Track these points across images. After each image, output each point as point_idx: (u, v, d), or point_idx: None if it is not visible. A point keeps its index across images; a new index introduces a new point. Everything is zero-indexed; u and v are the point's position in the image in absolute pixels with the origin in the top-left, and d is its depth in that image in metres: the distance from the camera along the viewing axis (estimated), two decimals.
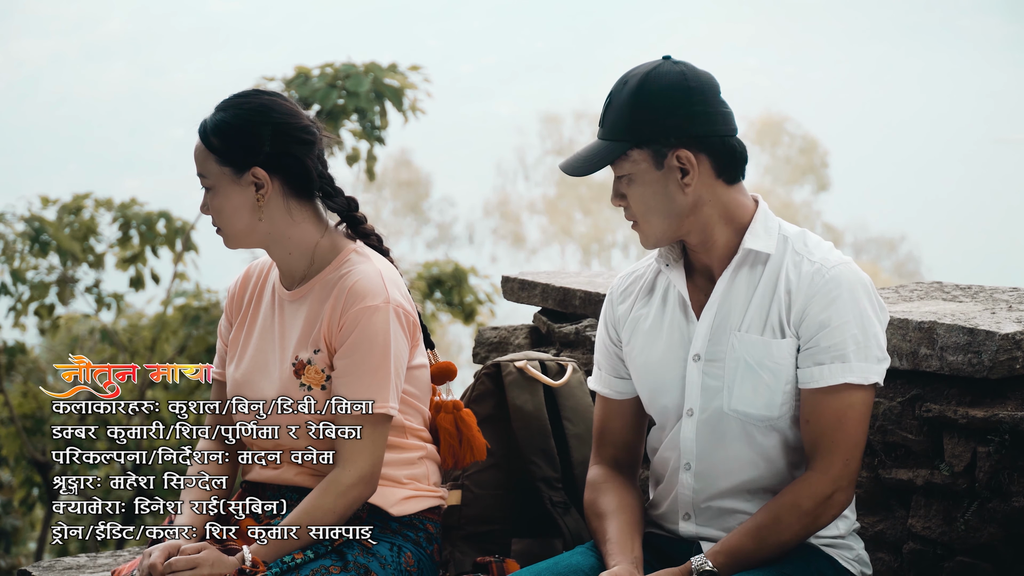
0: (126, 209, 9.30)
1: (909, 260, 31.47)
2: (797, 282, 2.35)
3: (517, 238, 32.03)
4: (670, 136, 2.36)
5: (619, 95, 2.39)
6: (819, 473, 2.31)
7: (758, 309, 2.38)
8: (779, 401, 2.37)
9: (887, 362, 2.34)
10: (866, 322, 2.31)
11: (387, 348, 2.49)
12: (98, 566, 3.29)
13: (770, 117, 32.90)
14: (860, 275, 2.35)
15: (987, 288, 3.19)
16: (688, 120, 2.36)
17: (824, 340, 2.31)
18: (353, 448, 2.48)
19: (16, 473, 9.89)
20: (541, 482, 2.87)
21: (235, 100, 2.55)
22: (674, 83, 2.37)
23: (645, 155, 2.37)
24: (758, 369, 2.37)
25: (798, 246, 2.39)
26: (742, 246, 2.39)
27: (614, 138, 2.39)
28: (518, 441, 2.89)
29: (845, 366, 2.29)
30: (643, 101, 2.36)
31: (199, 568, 2.40)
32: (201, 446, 2.73)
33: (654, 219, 2.41)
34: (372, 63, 8.91)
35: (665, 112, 2.36)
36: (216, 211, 2.55)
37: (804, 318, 2.33)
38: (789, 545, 2.34)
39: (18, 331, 9.44)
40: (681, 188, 2.38)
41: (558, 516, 2.85)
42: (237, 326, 2.70)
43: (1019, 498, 2.59)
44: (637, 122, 2.37)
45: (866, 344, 2.30)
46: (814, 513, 2.31)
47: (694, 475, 2.44)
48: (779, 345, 2.35)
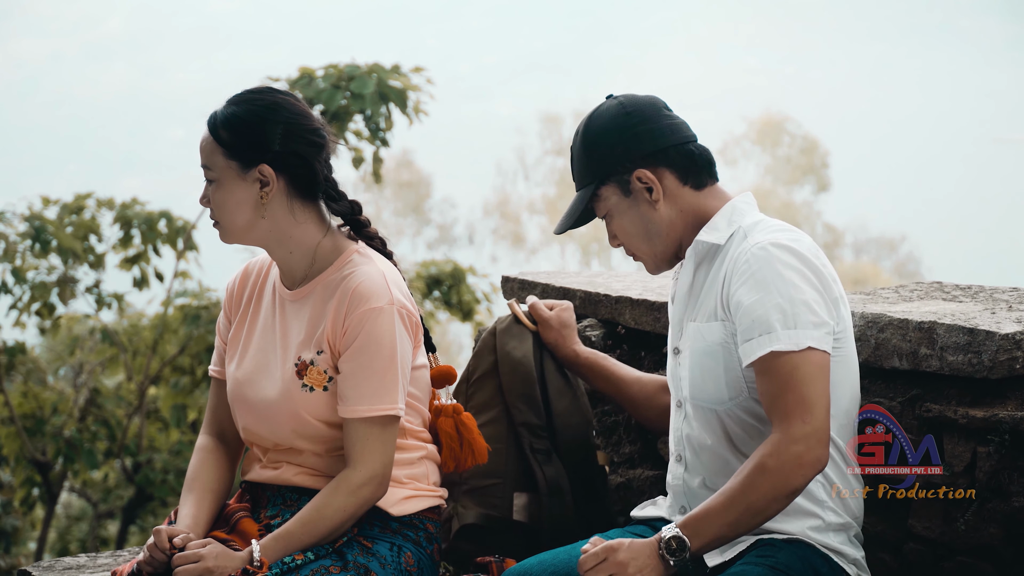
0: (127, 209, 9.30)
1: (909, 260, 31.47)
2: (728, 266, 2.43)
3: (517, 238, 32.03)
4: (623, 162, 2.49)
5: (575, 146, 2.56)
6: (779, 433, 2.30)
7: (706, 298, 2.48)
8: (724, 384, 2.43)
9: (827, 327, 2.34)
10: (792, 290, 2.33)
11: (393, 350, 2.49)
12: (98, 566, 3.29)
13: (770, 117, 32.89)
14: (789, 247, 2.37)
15: (987, 288, 3.19)
16: (634, 141, 2.49)
17: (747, 317, 2.35)
18: (363, 449, 2.49)
19: (16, 473, 9.89)
20: (522, 427, 2.90)
21: (248, 95, 2.55)
22: (613, 115, 2.52)
23: (612, 189, 2.52)
24: (702, 356, 2.45)
25: (749, 233, 2.45)
26: (696, 239, 2.50)
27: (582, 185, 2.54)
28: (503, 386, 2.92)
29: (771, 335, 2.32)
30: (591, 141, 2.52)
31: (203, 561, 2.40)
32: (200, 444, 2.73)
33: (641, 244, 2.54)
34: (375, 64, 8.91)
35: (612, 142, 2.50)
36: (218, 204, 2.55)
37: (730, 299, 2.40)
38: (761, 509, 2.31)
39: (18, 331, 9.44)
40: (652, 206, 2.50)
41: (536, 464, 2.87)
42: (237, 324, 2.70)
43: (1019, 498, 2.59)
44: (593, 162, 2.52)
45: (793, 312, 2.32)
46: (781, 471, 2.28)
47: (685, 466, 2.52)
48: (711, 329, 2.44)
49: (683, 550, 2.30)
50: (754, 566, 2.37)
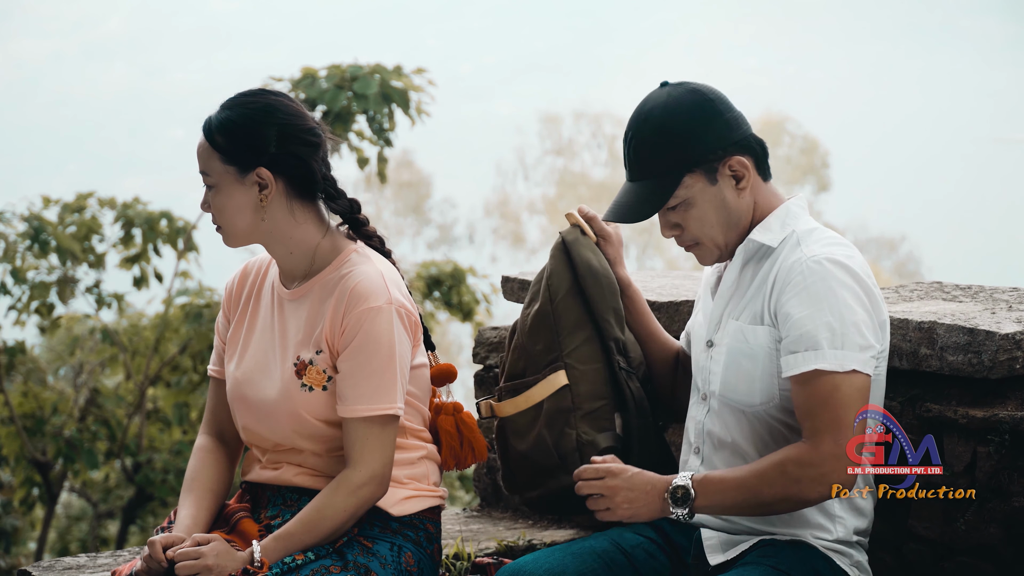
0: (128, 208, 9.31)
1: (909, 260, 31.44)
2: (780, 273, 2.40)
3: (517, 238, 32.00)
4: (716, 149, 2.43)
5: (643, 135, 2.46)
6: (809, 444, 2.31)
7: (752, 299, 2.45)
8: (758, 388, 2.41)
9: (873, 350, 2.34)
10: (844, 310, 2.32)
11: (392, 349, 2.49)
12: (98, 566, 3.29)
13: (770, 117, 32.86)
14: (845, 264, 2.36)
15: (987, 288, 3.19)
16: (725, 128, 2.44)
17: (795, 330, 2.34)
18: (363, 448, 2.48)
19: (16, 473, 9.88)
20: (612, 342, 2.69)
21: (241, 99, 2.55)
22: (695, 102, 2.45)
23: (697, 176, 2.45)
24: (740, 357, 2.43)
25: (802, 240, 2.43)
26: (748, 238, 2.47)
27: (659, 174, 2.45)
28: (591, 299, 2.70)
29: (818, 353, 2.31)
30: (677, 129, 2.44)
31: (203, 558, 2.40)
32: (199, 444, 2.72)
33: (716, 233, 2.48)
34: (378, 65, 8.90)
35: (702, 130, 2.43)
36: (218, 210, 2.55)
37: (779, 307, 2.38)
38: (768, 504, 2.32)
39: (18, 331, 9.43)
40: (738, 194, 2.46)
41: (624, 382, 2.68)
42: (236, 323, 2.70)
43: (1019, 498, 2.59)
44: (679, 149, 2.43)
45: (843, 332, 2.31)
46: (797, 479, 2.29)
47: (702, 459, 2.51)
48: (756, 331, 2.41)
49: (686, 502, 2.33)
50: (754, 566, 2.37)
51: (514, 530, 3.75)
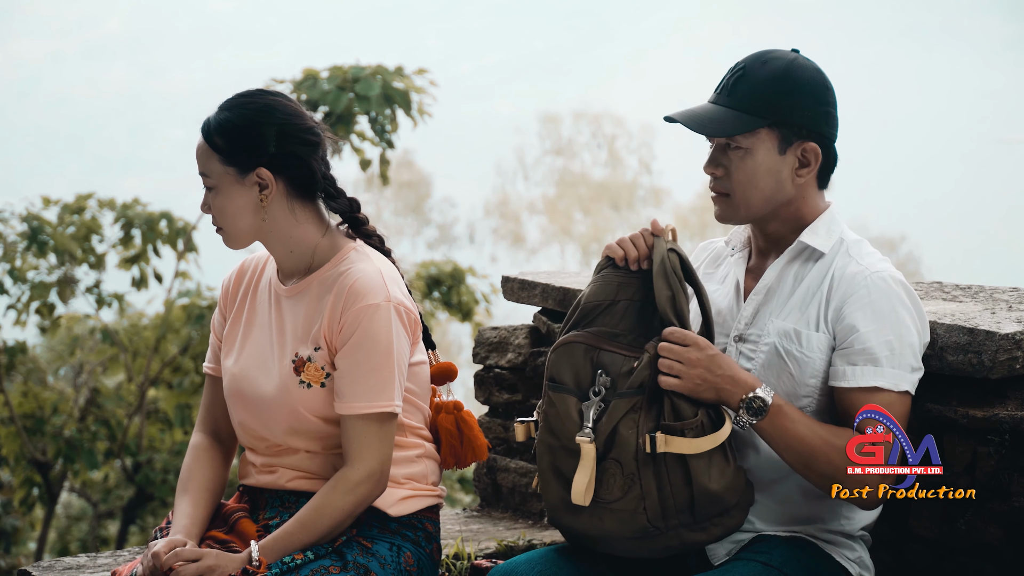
0: (128, 209, 9.31)
1: (909, 260, 31.43)
2: (840, 282, 2.40)
3: (517, 238, 32.00)
4: (806, 126, 2.41)
5: (757, 72, 2.42)
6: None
7: (800, 301, 2.43)
8: (801, 393, 2.41)
9: (920, 372, 2.39)
10: (903, 331, 2.35)
11: (390, 346, 2.49)
12: (98, 566, 3.29)
13: None
14: (906, 285, 2.40)
15: (987, 288, 3.19)
16: (825, 116, 2.43)
17: (858, 342, 2.35)
18: (361, 446, 2.48)
19: (16, 473, 9.89)
20: None
21: (239, 100, 2.54)
22: (817, 78, 2.43)
23: (773, 136, 2.41)
24: (786, 357, 2.42)
25: (852, 250, 2.44)
26: (799, 240, 2.45)
27: (747, 111, 2.40)
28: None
29: (877, 370, 2.34)
30: (790, 87, 2.40)
31: (204, 560, 2.40)
32: (194, 442, 2.72)
33: (754, 197, 2.44)
34: (379, 66, 8.91)
35: (809, 102, 2.41)
36: (218, 211, 2.55)
37: (841, 317, 2.38)
38: (814, 471, 2.31)
39: (18, 331, 9.44)
40: (792, 177, 2.44)
41: None
42: (232, 320, 2.69)
43: (1019, 498, 2.59)
44: (779, 104, 2.40)
45: (900, 352, 2.34)
46: (832, 480, 2.31)
47: None
48: (811, 337, 2.40)
49: (760, 414, 2.31)
50: (746, 563, 2.37)
51: (514, 530, 3.75)
